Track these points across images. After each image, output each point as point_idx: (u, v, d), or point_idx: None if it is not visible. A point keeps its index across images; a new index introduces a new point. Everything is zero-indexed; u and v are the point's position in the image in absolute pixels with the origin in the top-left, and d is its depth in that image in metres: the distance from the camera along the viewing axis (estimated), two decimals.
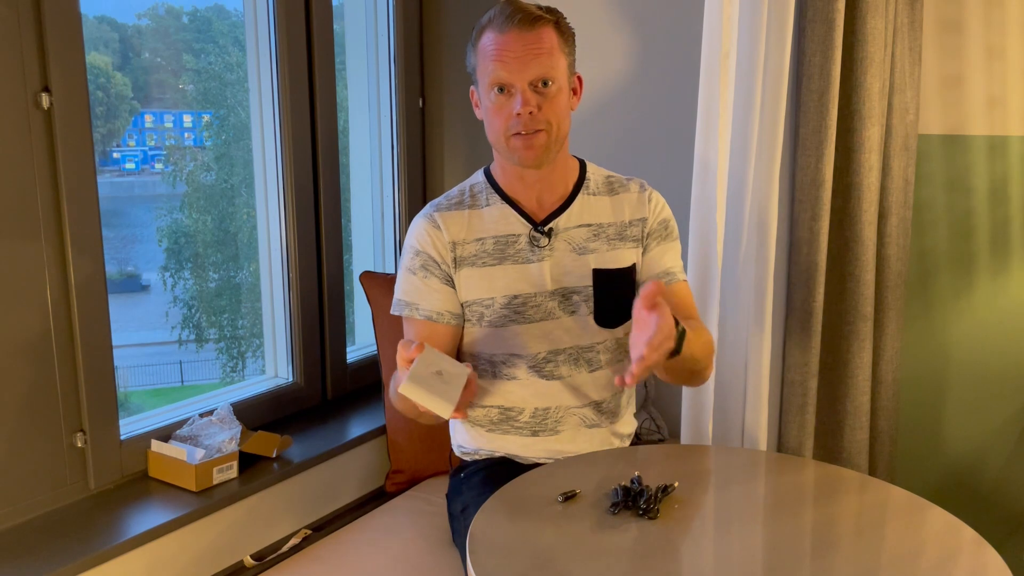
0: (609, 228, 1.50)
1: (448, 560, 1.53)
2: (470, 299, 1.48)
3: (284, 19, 1.83)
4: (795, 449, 1.78)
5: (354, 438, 1.87)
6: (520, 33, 1.35)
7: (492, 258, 1.47)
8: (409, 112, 2.21)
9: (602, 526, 1.13)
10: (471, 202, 1.50)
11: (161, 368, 2.08)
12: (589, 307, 1.48)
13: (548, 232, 1.47)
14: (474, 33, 1.41)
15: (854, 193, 1.75)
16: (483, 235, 1.47)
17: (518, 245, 1.47)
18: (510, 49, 1.35)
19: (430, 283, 1.47)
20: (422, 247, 1.48)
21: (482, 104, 1.43)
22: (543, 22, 1.37)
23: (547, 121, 1.38)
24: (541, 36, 1.36)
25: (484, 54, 1.38)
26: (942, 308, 1.99)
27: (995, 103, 1.89)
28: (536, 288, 1.46)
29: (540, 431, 1.50)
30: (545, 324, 1.47)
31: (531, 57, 1.35)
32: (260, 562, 1.65)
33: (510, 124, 1.38)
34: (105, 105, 1.77)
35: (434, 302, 1.47)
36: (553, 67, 1.37)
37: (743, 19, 1.59)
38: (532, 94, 1.36)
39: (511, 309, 1.46)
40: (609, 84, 2.10)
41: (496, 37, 1.36)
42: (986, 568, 1.04)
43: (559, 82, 1.38)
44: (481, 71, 1.39)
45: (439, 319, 1.47)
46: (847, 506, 1.22)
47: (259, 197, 1.93)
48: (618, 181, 1.55)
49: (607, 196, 1.52)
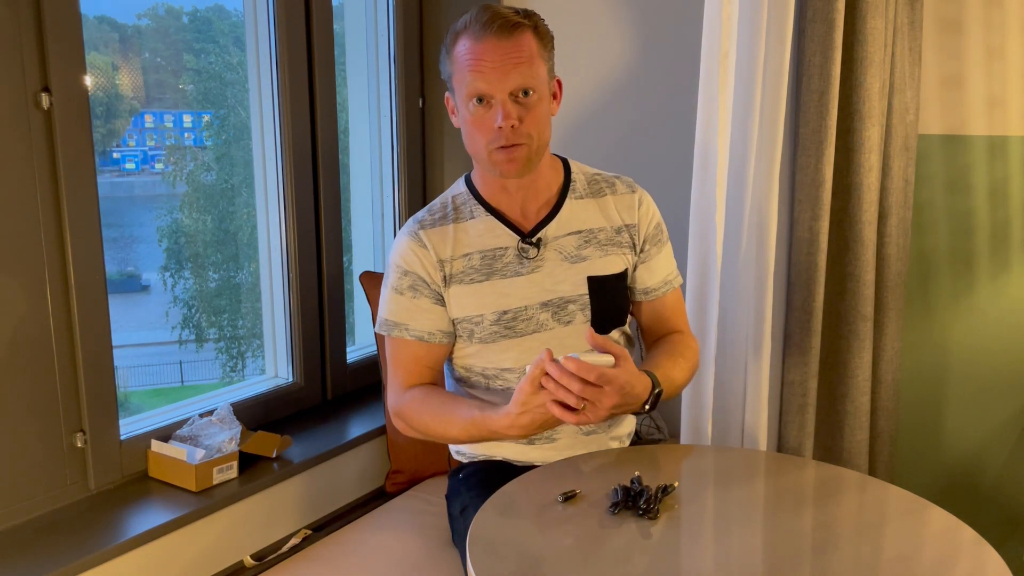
0: (600, 233, 1.47)
1: (448, 560, 1.53)
2: (460, 316, 1.44)
3: (284, 19, 1.83)
4: (795, 449, 1.78)
5: (354, 438, 1.87)
6: (498, 41, 1.30)
7: (479, 274, 1.43)
8: (409, 112, 2.21)
9: (602, 526, 1.13)
10: (455, 216, 1.46)
11: (161, 368, 2.07)
12: (586, 315, 1.45)
13: (537, 243, 1.44)
14: (448, 39, 1.36)
15: (854, 193, 1.75)
16: (469, 250, 1.44)
17: (506, 258, 1.44)
18: (488, 58, 1.30)
19: (420, 303, 1.43)
20: (409, 267, 1.44)
21: (460, 114, 1.38)
22: (522, 28, 1.32)
23: (528, 134, 1.34)
24: (520, 43, 1.31)
25: (460, 63, 1.33)
26: (942, 308, 1.99)
27: (995, 103, 1.89)
28: (526, 301, 1.43)
29: (537, 439, 1.49)
30: (538, 336, 1.44)
31: (511, 66, 1.30)
32: (260, 562, 1.65)
33: (491, 138, 1.34)
34: (105, 105, 1.76)
35: (424, 322, 1.44)
36: (533, 76, 1.33)
37: (743, 19, 1.59)
38: (513, 105, 1.32)
39: (501, 325, 1.43)
40: (609, 84, 2.10)
41: (473, 45, 1.31)
42: (986, 568, 1.04)
43: (539, 90, 1.34)
44: (458, 80, 1.34)
45: (431, 339, 1.44)
46: (847, 506, 1.22)
47: (259, 197, 1.93)
48: (605, 180, 1.51)
49: (595, 199, 1.49)
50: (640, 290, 1.52)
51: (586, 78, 2.12)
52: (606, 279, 1.46)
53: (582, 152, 1.57)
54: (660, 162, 2.02)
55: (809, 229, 1.72)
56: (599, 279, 1.46)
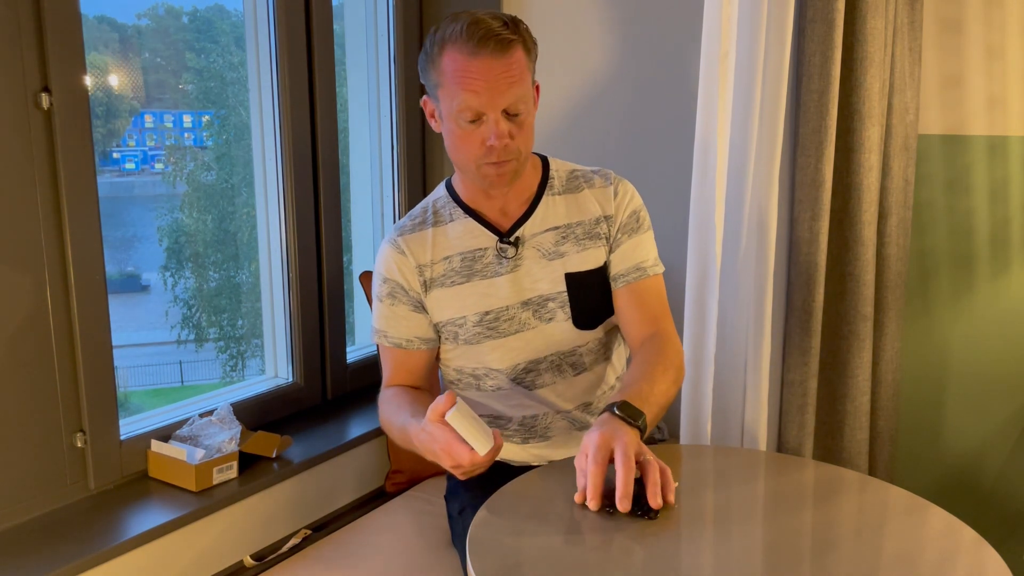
0: (577, 228, 1.46)
1: (448, 560, 1.53)
2: (443, 319, 1.45)
3: (284, 19, 1.83)
4: (795, 449, 1.78)
5: (354, 438, 1.87)
6: (493, 60, 1.27)
7: (460, 276, 1.44)
8: (409, 112, 2.21)
9: (601, 526, 1.13)
10: (434, 219, 1.47)
11: (161, 368, 2.08)
12: (566, 312, 1.45)
13: (515, 241, 1.44)
14: (432, 47, 1.32)
15: (854, 193, 1.75)
16: (449, 253, 1.44)
17: (485, 259, 1.44)
18: (482, 77, 1.27)
19: (397, 310, 1.46)
20: (388, 275, 1.45)
21: (445, 126, 1.35)
22: (514, 45, 1.29)
23: (518, 149, 1.34)
24: (512, 61, 1.29)
25: (450, 77, 1.29)
26: (942, 308, 1.99)
27: (995, 103, 1.89)
28: (507, 301, 1.44)
29: (530, 438, 1.50)
30: (522, 335, 1.45)
31: (504, 86, 1.28)
32: (260, 562, 1.65)
33: (481, 153, 1.33)
34: (105, 105, 1.77)
35: (401, 329, 1.46)
36: (525, 92, 1.32)
37: (743, 19, 1.59)
38: (505, 122, 1.30)
39: (484, 326, 1.44)
40: (608, 84, 2.10)
41: (465, 62, 1.27)
42: (986, 568, 1.04)
43: (528, 104, 1.34)
44: (446, 93, 1.31)
45: (408, 346, 1.47)
46: (847, 506, 1.22)
47: (259, 197, 1.93)
48: (583, 175, 1.50)
49: (572, 194, 1.48)
50: (612, 276, 1.48)
51: (586, 78, 2.12)
52: (584, 275, 1.45)
53: (582, 152, 1.57)
54: (660, 162, 2.02)
55: (809, 229, 1.72)
56: (577, 275, 1.45)
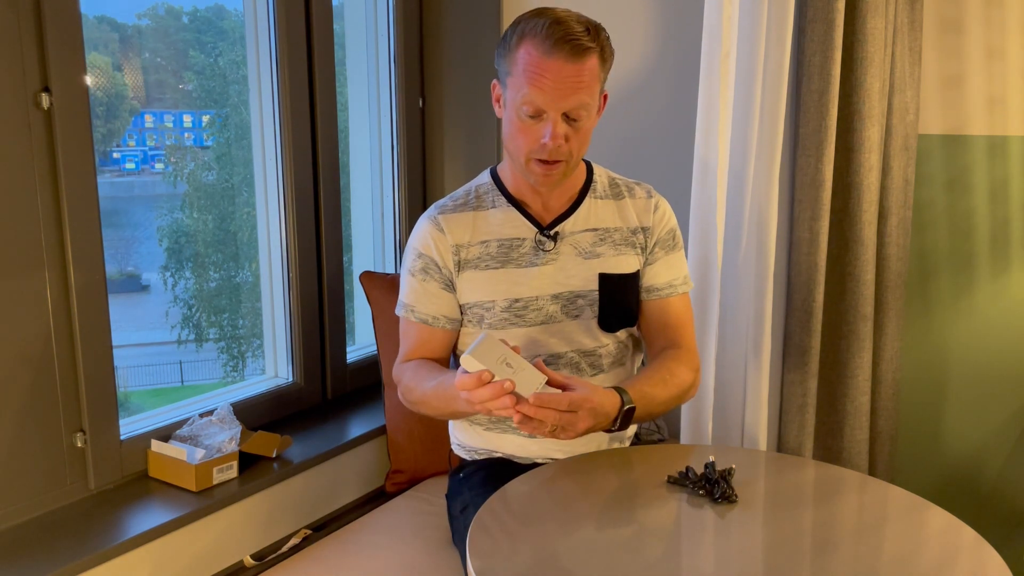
0: (615, 233, 1.50)
1: (448, 560, 1.53)
2: (471, 301, 1.47)
3: (284, 19, 1.83)
4: (795, 449, 1.79)
5: (354, 438, 1.87)
6: (565, 63, 1.29)
7: (495, 261, 1.46)
8: (409, 112, 2.21)
9: (602, 525, 1.13)
10: (476, 203, 1.50)
11: (161, 368, 2.07)
12: (594, 311, 1.48)
13: (554, 236, 1.47)
14: (512, 35, 1.34)
15: (854, 193, 1.75)
16: (488, 237, 1.47)
17: (523, 249, 1.47)
18: (551, 77, 1.30)
19: (428, 287, 1.47)
20: (424, 250, 1.47)
21: (507, 113, 1.38)
22: (590, 52, 1.31)
23: (570, 152, 1.36)
24: (584, 68, 1.31)
25: (521, 69, 1.32)
26: (942, 308, 1.99)
27: (995, 103, 1.89)
28: (538, 292, 1.46)
29: None
30: (547, 328, 1.47)
31: (571, 90, 1.31)
32: (260, 562, 1.65)
33: (534, 148, 1.36)
34: (105, 105, 1.76)
35: (430, 306, 1.48)
36: (590, 101, 1.34)
37: (743, 19, 1.59)
38: (563, 124, 1.33)
39: (511, 312, 1.46)
40: (609, 84, 2.10)
41: (539, 59, 1.30)
42: (986, 568, 1.04)
43: (590, 112, 1.36)
44: (513, 84, 1.34)
45: (435, 323, 1.48)
46: (847, 506, 1.22)
47: (259, 197, 1.93)
48: (625, 185, 1.54)
49: (614, 200, 1.52)
50: (644, 288, 1.53)
51: None
52: (617, 277, 1.48)
53: None
54: (660, 162, 2.02)
55: (809, 229, 1.72)
56: (611, 277, 1.48)
